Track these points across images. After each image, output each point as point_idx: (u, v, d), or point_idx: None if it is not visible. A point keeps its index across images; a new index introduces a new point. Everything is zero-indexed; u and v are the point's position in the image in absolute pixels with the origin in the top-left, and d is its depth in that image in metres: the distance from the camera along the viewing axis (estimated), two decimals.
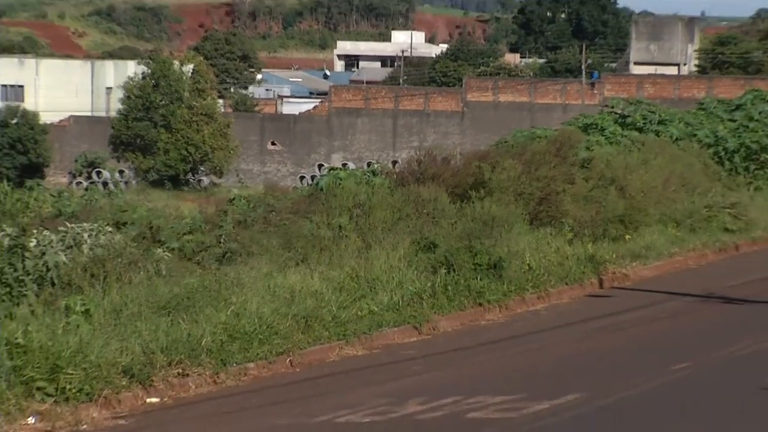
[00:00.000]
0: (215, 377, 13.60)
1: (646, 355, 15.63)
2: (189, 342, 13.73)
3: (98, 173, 77.80)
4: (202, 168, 79.35)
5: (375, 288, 17.07)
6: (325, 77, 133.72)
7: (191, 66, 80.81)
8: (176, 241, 17.87)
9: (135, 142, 78.84)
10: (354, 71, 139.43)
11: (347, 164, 66.64)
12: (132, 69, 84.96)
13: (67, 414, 12.09)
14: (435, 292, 17.34)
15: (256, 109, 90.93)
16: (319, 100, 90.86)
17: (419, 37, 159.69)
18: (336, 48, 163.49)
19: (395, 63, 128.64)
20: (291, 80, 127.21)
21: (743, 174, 29.50)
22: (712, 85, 76.93)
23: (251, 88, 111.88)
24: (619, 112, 31.64)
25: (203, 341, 13.81)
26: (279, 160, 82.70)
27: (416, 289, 17.25)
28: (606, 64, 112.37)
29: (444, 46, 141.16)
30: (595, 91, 79.52)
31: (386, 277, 17.40)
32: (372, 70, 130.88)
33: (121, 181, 76.36)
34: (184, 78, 79.31)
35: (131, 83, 79.90)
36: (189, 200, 53.59)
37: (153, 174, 77.82)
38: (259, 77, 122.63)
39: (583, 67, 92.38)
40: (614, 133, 29.40)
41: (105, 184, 72.89)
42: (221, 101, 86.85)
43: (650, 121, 30.65)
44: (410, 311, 16.69)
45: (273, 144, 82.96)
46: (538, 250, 19.89)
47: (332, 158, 79.59)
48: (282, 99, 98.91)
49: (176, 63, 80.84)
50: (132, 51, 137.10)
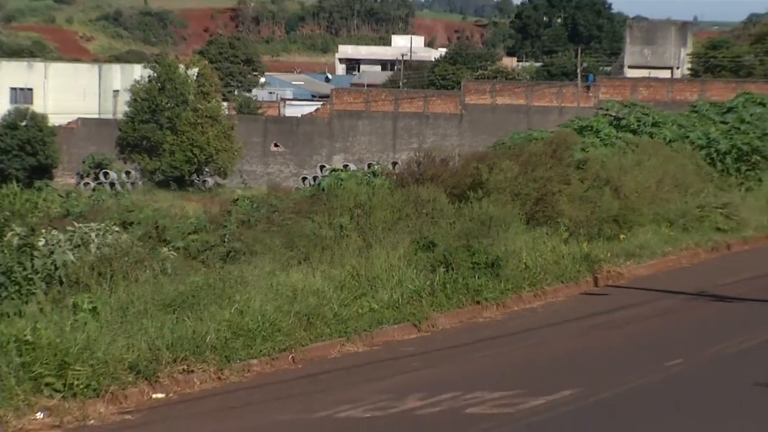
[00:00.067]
0: (219, 373, 13.60)
1: (640, 352, 15.62)
2: (194, 339, 13.74)
3: (105, 174, 77.77)
4: (207, 169, 79.33)
5: (375, 286, 17.06)
6: (327, 80, 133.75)
7: (196, 69, 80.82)
8: (181, 241, 17.86)
9: (141, 144, 78.81)
10: (355, 75, 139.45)
11: (348, 165, 66.64)
12: (138, 72, 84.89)
13: (75, 409, 12.10)
14: (434, 291, 17.34)
15: (260, 112, 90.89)
16: (321, 103, 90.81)
17: (419, 42, 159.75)
18: (337, 52, 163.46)
19: (395, 66, 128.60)
20: (293, 83, 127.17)
21: (735, 175, 29.47)
22: (705, 88, 76.86)
23: (255, 91, 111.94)
24: (614, 115, 31.61)
25: (208, 338, 13.82)
26: (282, 162, 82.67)
27: (416, 288, 17.25)
28: (601, 68, 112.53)
29: (443, 50, 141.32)
30: (591, 94, 79.46)
31: (386, 276, 17.40)
32: (372, 74, 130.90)
33: (128, 182, 76.28)
34: (189, 81, 79.30)
35: (138, 86, 79.86)
36: (194, 201, 53.49)
37: (159, 175, 77.80)
38: (263, 80, 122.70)
39: (579, 71, 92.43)
40: (609, 135, 29.38)
41: (112, 185, 72.83)
42: (225, 104, 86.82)
43: (644, 124, 30.62)
44: (410, 309, 16.69)
45: (276, 146, 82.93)
46: (535, 249, 19.90)
47: (334, 159, 79.57)
48: (285, 102, 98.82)
49: (181, 66, 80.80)
50: (138, 55, 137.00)
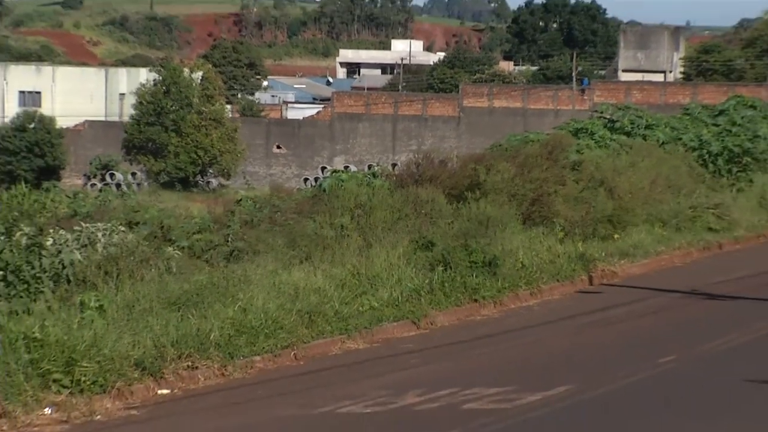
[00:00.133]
0: (223, 370, 13.60)
1: (634, 349, 15.62)
2: (198, 336, 13.74)
3: (112, 175, 77.76)
4: (211, 170, 79.33)
5: (375, 285, 17.06)
6: (328, 84, 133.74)
7: (200, 73, 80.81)
8: (186, 240, 17.86)
9: (147, 146, 78.81)
10: (355, 78, 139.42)
11: (349, 167, 66.64)
12: (144, 76, 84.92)
13: (82, 405, 12.10)
14: (432, 289, 17.34)
15: (262, 115, 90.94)
16: (322, 106, 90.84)
17: (418, 46, 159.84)
18: (338, 56, 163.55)
19: (395, 70, 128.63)
20: (295, 87, 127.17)
21: (726, 176, 29.46)
22: (697, 92, 76.82)
23: (257, 95, 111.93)
24: (608, 117, 31.60)
25: (212, 335, 13.82)
26: (284, 163, 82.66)
27: (415, 286, 17.25)
28: (596, 72, 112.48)
29: (441, 54, 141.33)
30: (585, 97, 79.44)
31: (386, 275, 17.39)
32: (373, 77, 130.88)
33: (134, 183, 76.29)
34: (194, 85, 79.30)
35: (143, 89, 79.88)
36: (198, 201, 53.43)
37: (164, 176, 77.80)
38: (265, 84, 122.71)
39: (574, 74, 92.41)
40: (603, 137, 29.37)
41: (118, 186, 72.83)
42: (229, 107, 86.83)
43: (638, 126, 30.61)
44: (409, 307, 16.68)
45: (278, 147, 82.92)
46: (531, 249, 19.89)
47: (335, 161, 79.59)
48: (287, 105, 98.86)
49: (186, 70, 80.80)
50: (144, 59, 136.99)
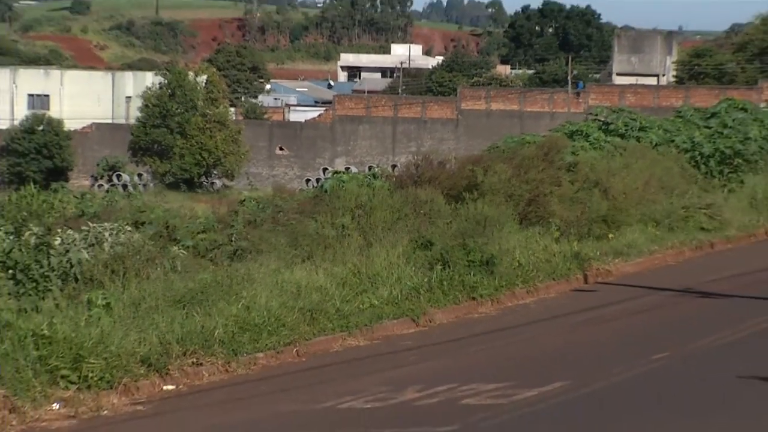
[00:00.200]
0: (227, 366, 13.59)
1: (628, 346, 15.61)
2: (203, 333, 13.74)
3: (118, 176, 77.79)
4: (215, 171, 79.35)
5: (375, 283, 17.05)
6: (330, 87, 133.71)
7: (205, 77, 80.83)
8: (191, 240, 17.85)
9: (152, 148, 78.84)
10: (356, 81, 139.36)
11: (350, 168, 66.65)
12: (150, 79, 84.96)
13: (89, 400, 12.10)
14: (431, 287, 17.33)
15: (265, 117, 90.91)
16: (324, 109, 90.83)
17: (417, 50, 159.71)
18: (339, 60, 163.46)
19: (394, 74, 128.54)
20: (297, 90, 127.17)
21: (718, 177, 29.45)
22: (689, 95, 76.86)
23: (261, 98, 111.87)
24: (603, 120, 31.58)
25: (216, 333, 13.81)
26: (286, 164, 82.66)
27: (414, 284, 17.24)
28: (590, 75, 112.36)
29: (440, 58, 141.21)
30: (580, 100, 79.45)
31: (386, 273, 17.38)
32: (373, 81, 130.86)
33: (140, 184, 76.32)
34: (198, 88, 79.32)
35: (149, 93, 79.91)
36: (203, 201, 53.46)
37: (169, 177, 77.82)
38: (268, 87, 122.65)
39: (569, 78, 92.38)
40: (598, 139, 29.35)
41: (125, 187, 72.89)
42: (233, 109, 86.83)
43: (631, 128, 30.59)
44: (408, 305, 16.67)
45: (281, 149, 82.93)
46: (527, 248, 19.88)
47: (336, 162, 79.61)
48: (289, 107, 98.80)
49: (191, 74, 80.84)
50: (150, 63, 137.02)
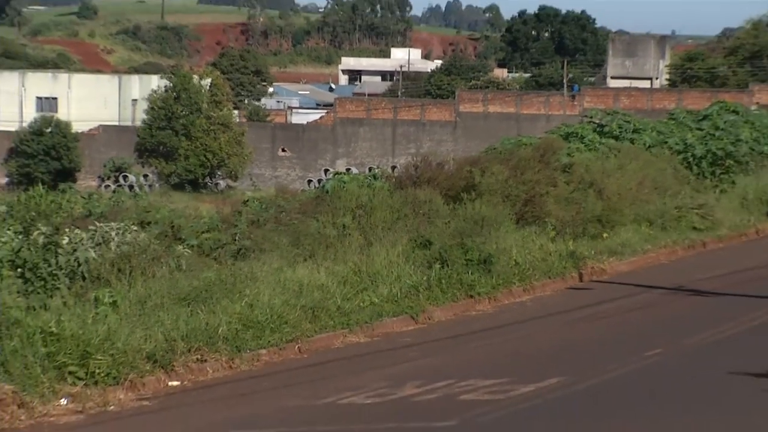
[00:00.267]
0: (231, 362, 13.59)
1: (622, 343, 15.61)
2: (207, 330, 13.74)
3: (125, 177, 77.76)
4: (219, 172, 79.30)
5: (376, 281, 17.06)
6: (331, 90, 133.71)
7: (209, 80, 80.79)
8: (195, 239, 17.85)
9: (158, 149, 78.79)
10: (357, 85, 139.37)
11: (350, 169, 66.65)
12: (155, 83, 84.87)
13: (96, 396, 12.10)
14: (430, 285, 17.33)
15: (268, 119, 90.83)
16: (325, 111, 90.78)
17: (416, 54, 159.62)
18: (340, 63, 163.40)
19: (394, 77, 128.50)
20: (299, 93, 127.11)
21: (710, 178, 29.45)
22: (682, 98, 76.79)
23: (263, 100, 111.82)
24: (598, 122, 31.57)
25: (220, 330, 13.82)
26: (289, 166, 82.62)
27: (413, 283, 17.24)
28: (585, 78, 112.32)
29: (438, 62, 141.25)
30: (576, 103, 79.40)
31: (386, 272, 17.39)
32: (373, 84, 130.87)
33: (146, 185, 76.27)
34: (203, 91, 79.27)
35: (155, 96, 79.85)
36: (207, 202, 53.43)
37: (174, 178, 77.78)
38: (271, 90, 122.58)
39: (565, 81, 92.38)
40: (593, 141, 29.36)
41: (131, 187, 72.84)
42: (236, 112, 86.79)
43: (625, 130, 30.59)
44: (408, 302, 16.68)
45: (283, 151, 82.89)
46: (524, 247, 19.88)
47: (337, 164, 79.58)
48: (291, 110, 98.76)
49: (195, 77, 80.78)
50: (155, 66, 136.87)
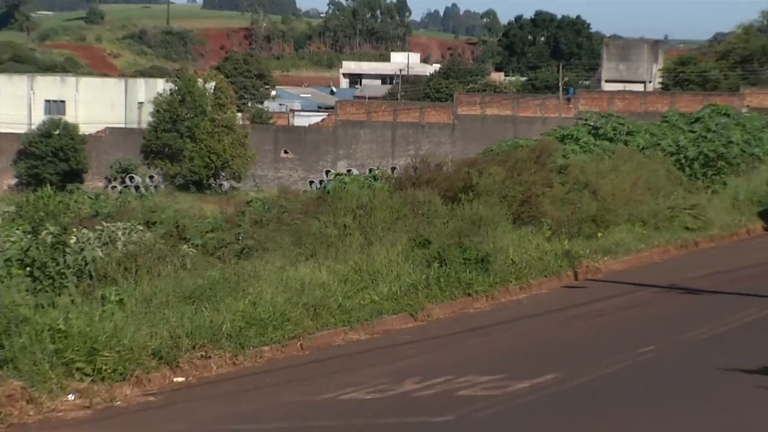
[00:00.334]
0: (234, 359, 13.60)
1: (616, 340, 15.62)
2: (211, 328, 13.75)
3: (131, 178, 77.74)
4: (223, 174, 79.28)
5: (376, 280, 17.07)
6: (332, 93, 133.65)
7: (213, 83, 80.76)
8: (200, 239, 17.86)
9: (163, 151, 78.77)
10: (357, 88, 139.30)
11: (351, 170, 66.64)
12: (161, 86, 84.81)
13: (103, 392, 12.10)
14: (429, 284, 17.34)
15: (271, 122, 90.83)
16: (327, 114, 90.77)
17: (415, 58, 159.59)
18: (341, 67, 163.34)
19: (394, 81, 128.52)
20: (301, 96, 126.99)
21: (702, 179, 29.46)
22: (675, 101, 76.75)
23: (266, 103, 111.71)
24: (592, 124, 31.58)
25: (224, 327, 13.83)
26: (291, 167, 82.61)
27: (412, 281, 17.25)
28: (580, 82, 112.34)
29: (437, 66, 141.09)
30: (571, 106, 79.39)
31: (386, 271, 17.40)
32: (373, 87, 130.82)
33: (151, 186, 76.24)
34: (207, 94, 79.25)
35: (160, 98, 79.82)
36: (211, 202, 53.38)
37: (179, 179, 77.74)
38: (273, 93, 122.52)
39: (560, 85, 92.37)
40: (588, 143, 29.37)
41: (137, 188, 72.87)
42: (240, 114, 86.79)
43: (619, 132, 30.60)
44: (407, 300, 16.69)
45: (285, 152, 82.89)
46: (520, 247, 19.90)
47: (338, 165, 79.56)
48: (293, 113, 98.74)
49: (200, 81, 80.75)
50: (161, 70, 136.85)
